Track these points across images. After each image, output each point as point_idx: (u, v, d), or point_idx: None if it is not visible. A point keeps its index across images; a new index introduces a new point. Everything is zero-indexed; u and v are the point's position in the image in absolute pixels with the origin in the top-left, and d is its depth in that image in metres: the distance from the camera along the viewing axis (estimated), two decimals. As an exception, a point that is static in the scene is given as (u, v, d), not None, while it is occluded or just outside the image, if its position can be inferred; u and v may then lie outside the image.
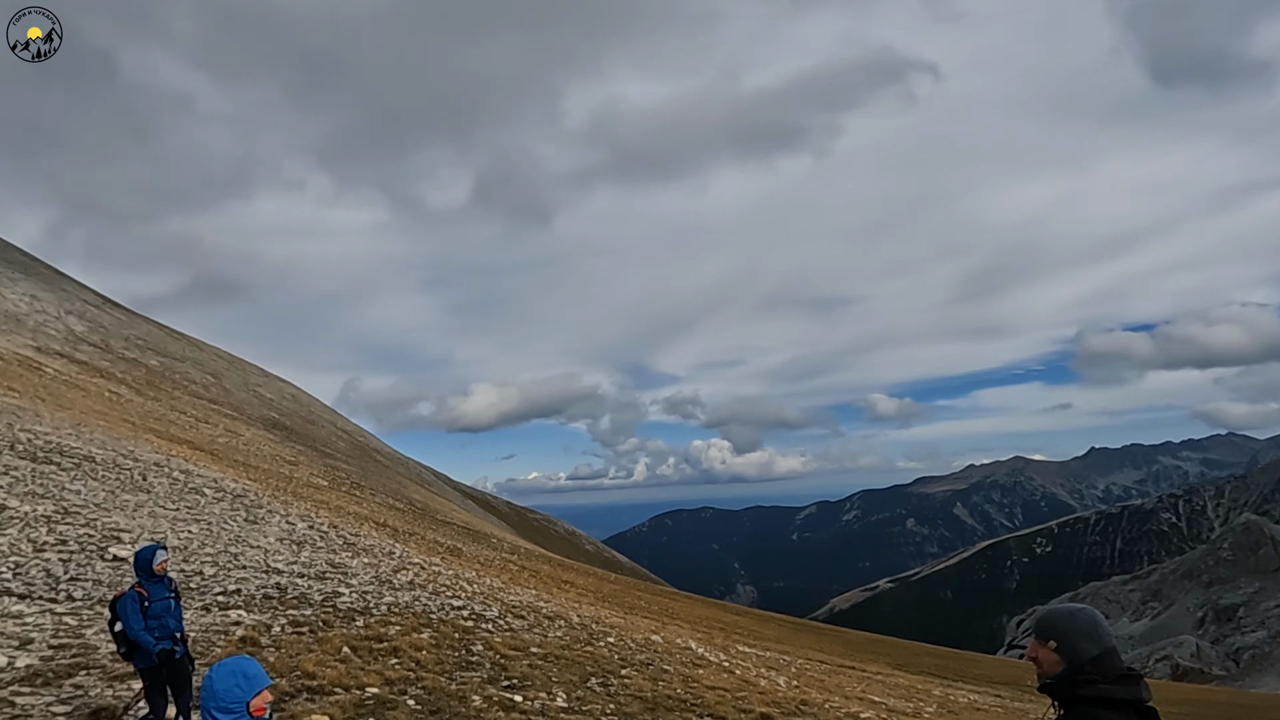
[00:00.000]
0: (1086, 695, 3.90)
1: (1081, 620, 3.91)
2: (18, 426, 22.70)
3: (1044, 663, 3.91)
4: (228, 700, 3.31)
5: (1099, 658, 3.91)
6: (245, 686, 3.41)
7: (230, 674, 3.42)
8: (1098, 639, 3.91)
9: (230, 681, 3.39)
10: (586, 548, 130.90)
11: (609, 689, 10.68)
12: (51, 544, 11.82)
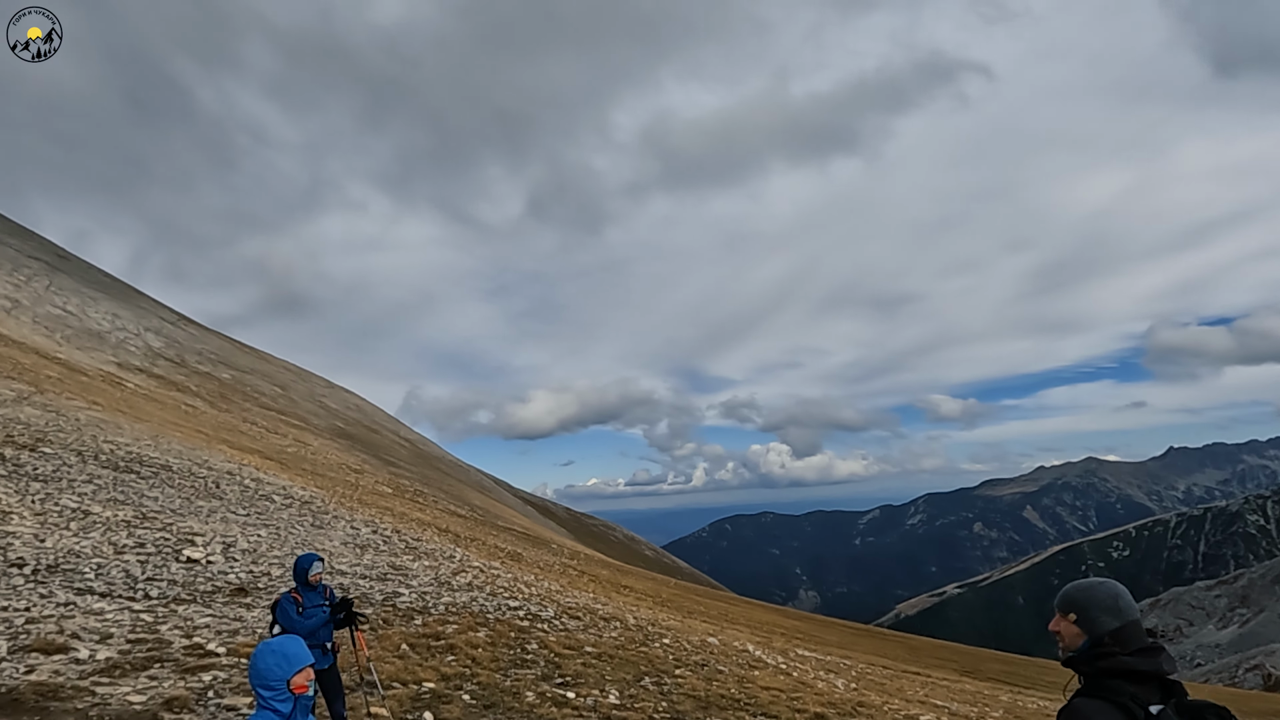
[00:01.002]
0: (1107, 668, 3.86)
1: (1102, 593, 3.88)
2: (101, 438, 23.88)
3: (1065, 636, 3.89)
4: (269, 678, 3.41)
5: (1119, 630, 3.87)
6: (285, 665, 3.44)
7: (271, 652, 3.48)
8: (1118, 612, 3.87)
9: (271, 660, 3.45)
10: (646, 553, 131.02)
11: (662, 688, 10.73)
12: (130, 546, 12.42)
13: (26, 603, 9.06)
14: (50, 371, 35.91)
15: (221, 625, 9.41)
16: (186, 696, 7.09)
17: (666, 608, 30.07)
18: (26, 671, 7.22)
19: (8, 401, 25.25)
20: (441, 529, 31.73)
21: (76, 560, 11.04)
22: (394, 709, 7.71)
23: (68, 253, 57.76)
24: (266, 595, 11.20)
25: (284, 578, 12.34)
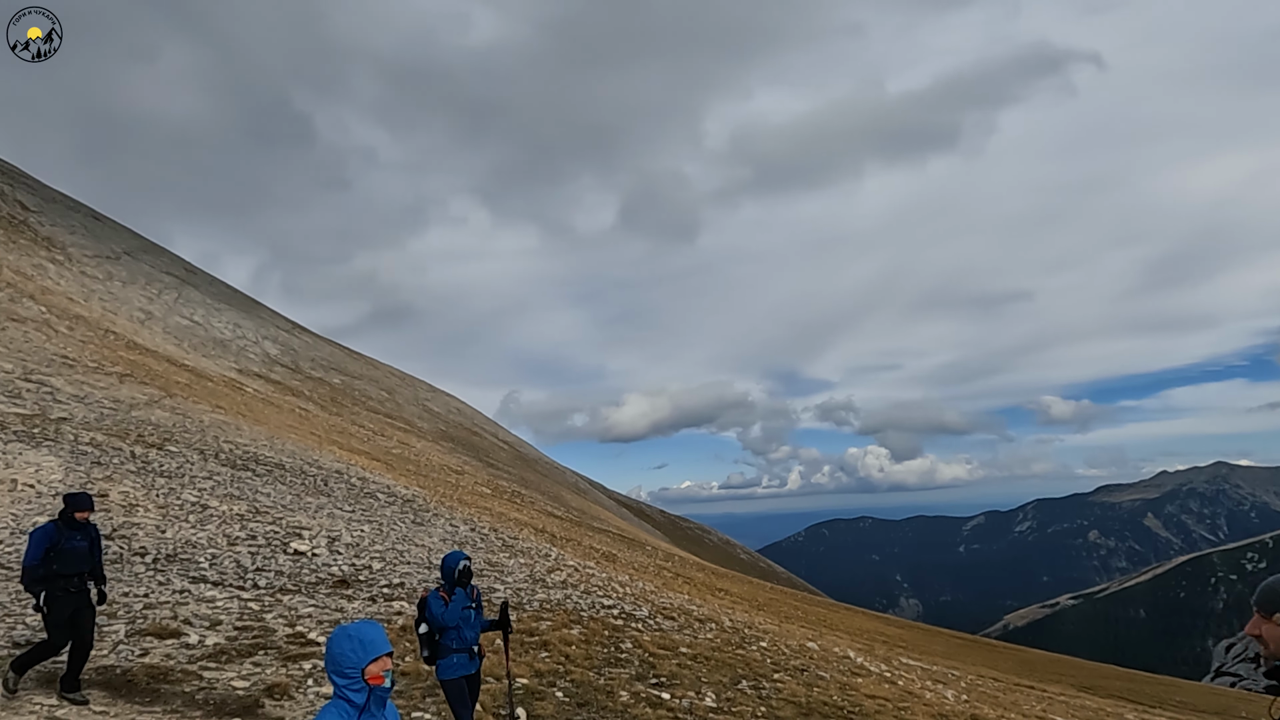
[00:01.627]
0: None
1: None
2: (222, 438, 25.15)
3: (1270, 640, 3.24)
4: (343, 665, 3.19)
5: None
6: (360, 652, 3.19)
7: (346, 638, 3.22)
8: None
9: (346, 645, 3.20)
10: (741, 557, 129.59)
11: (760, 692, 10.30)
12: (243, 539, 12.88)
13: (145, 589, 9.43)
14: (179, 377, 38.20)
15: (323, 615, 9.57)
16: (287, 684, 7.15)
17: (763, 611, 29.43)
18: (141, 654, 7.45)
19: (140, 405, 26.92)
20: (538, 529, 32.04)
21: (193, 550, 11.49)
22: (487, 704, 7.59)
23: (195, 267, 61.62)
24: (367, 587, 11.38)
25: (384, 571, 12.54)
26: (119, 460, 17.60)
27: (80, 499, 7.07)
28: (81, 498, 7.08)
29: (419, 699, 7.38)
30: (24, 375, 25.14)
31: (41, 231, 44.70)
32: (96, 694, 6.49)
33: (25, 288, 38.54)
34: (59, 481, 13.94)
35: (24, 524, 11.24)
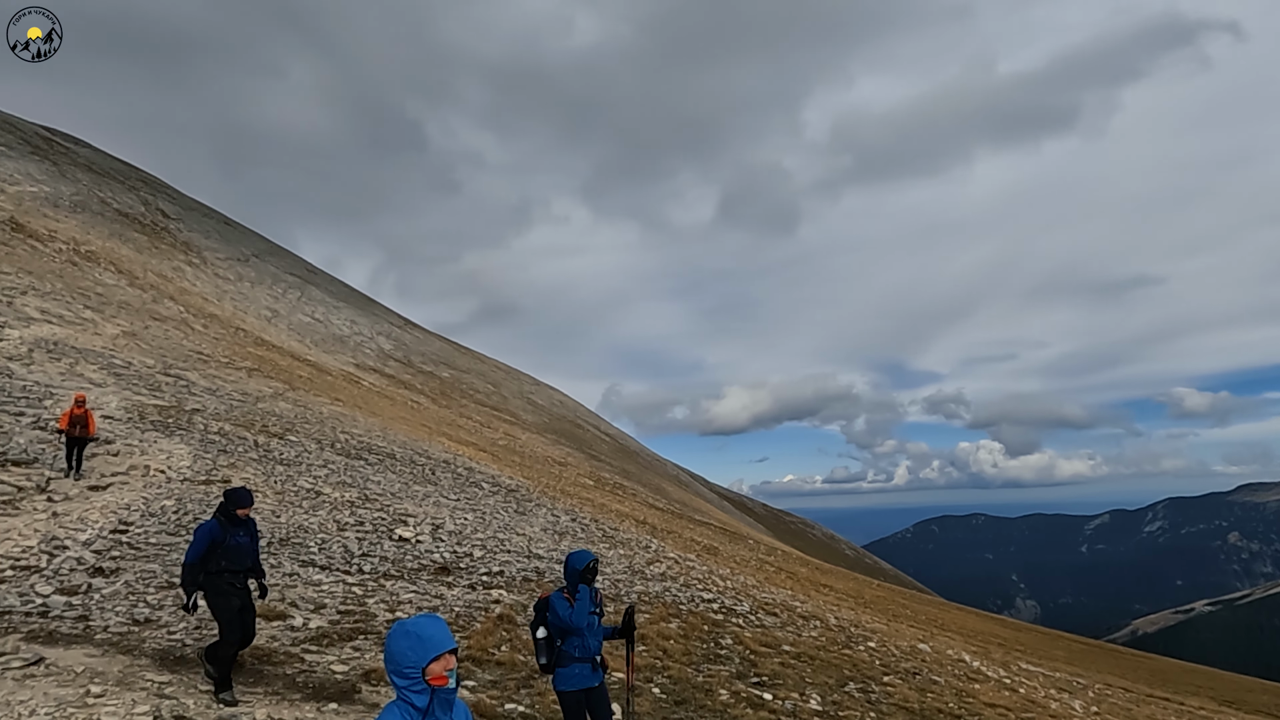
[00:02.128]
0: None
1: None
2: (338, 429, 26.17)
3: None
4: (402, 664, 2.83)
5: None
6: (419, 650, 2.82)
7: (404, 635, 2.85)
8: None
9: (403, 643, 2.83)
10: (846, 552, 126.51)
11: (869, 696, 9.70)
12: (351, 524, 13.20)
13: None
14: (301, 372, 40.15)
15: (423, 602, 9.61)
16: (384, 670, 7.13)
17: (870, 609, 28.36)
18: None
19: (266, 397, 28.34)
20: (639, 520, 31.96)
21: (304, 535, 11.82)
22: (582, 697, 7.37)
23: (315, 268, 64.85)
24: (467, 575, 11.41)
25: (484, 559, 12.57)
26: (243, 449, 18.48)
27: (241, 495, 6.77)
28: (242, 494, 6.79)
29: (513, 690, 7.22)
30: (163, 370, 26.86)
31: (180, 237, 47.89)
32: (203, 673, 6.63)
33: (166, 289, 41.38)
34: (187, 468, 14.69)
35: (153, 507, 11.84)
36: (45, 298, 30.05)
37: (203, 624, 7.80)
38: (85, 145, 55.05)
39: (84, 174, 45.98)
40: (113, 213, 43.87)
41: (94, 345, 26.82)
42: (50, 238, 36.56)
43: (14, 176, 38.89)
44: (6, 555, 9.07)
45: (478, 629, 8.70)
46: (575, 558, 5.73)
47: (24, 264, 33.11)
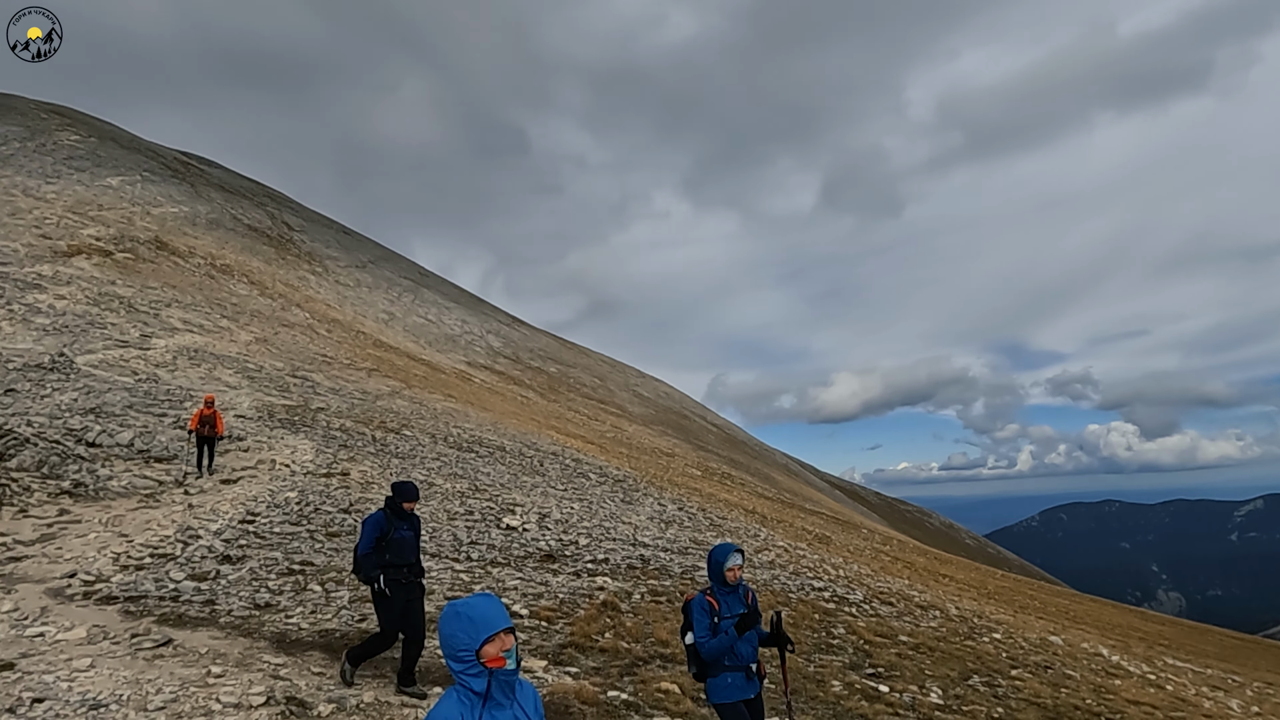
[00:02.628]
0: None
1: None
2: (451, 424, 26.95)
3: None
4: (455, 647, 2.62)
5: None
6: (471, 632, 2.59)
7: (455, 616, 2.64)
8: None
9: (455, 625, 2.62)
10: (966, 542, 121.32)
11: (995, 690, 9.03)
12: (460, 514, 13.44)
13: (372, 559, 9.94)
14: (417, 371, 41.67)
15: (528, 589, 9.60)
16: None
17: (994, 600, 26.88)
18: (360, 619, 7.74)
19: (384, 395, 29.50)
20: (747, 510, 31.47)
21: (416, 524, 12.10)
22: (687, 686, 7.12)
23: (428, 271, 67.29)
24: (572, 562, 11.38)
25: (589, 547, 12.52)
26: (362, 443, 19.22)
27: (408, 488, 6.59)
28: (408, 487, 6.61)
29: (616, 677, 7.06)
30: (291, 372, 28.36)
31: (304, 248, 50.63)
32: (316, 655, 6.79)
33: (293, 297, 43.80)
34: (309, 462, 15.36)
35: (278, 499, 12.40)
36: (187, 309, 32.29)
37: (318, 609, 8.02)
38: (218, 166, 59.05)
39: (217, 193, 49.31)
40: (244, 228, 46.81)
41: (229, 351, 28.59)
42: (190, 254, 39.28)
43: (157, 199, 42.05)
44: (146, 544, 9.66)
45: (581, 615, 8.60)
46: (717, 551, 5.06)
47: (168, 279, 35.73)
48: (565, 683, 6.61)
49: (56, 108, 48.86)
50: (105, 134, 47.91)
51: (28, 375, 19.34)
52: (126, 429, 14.73)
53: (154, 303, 31.39)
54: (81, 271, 31.70)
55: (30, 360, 20.57)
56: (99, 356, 23.51)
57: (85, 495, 11.54)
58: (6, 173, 37.69)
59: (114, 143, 46.85)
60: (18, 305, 26.53)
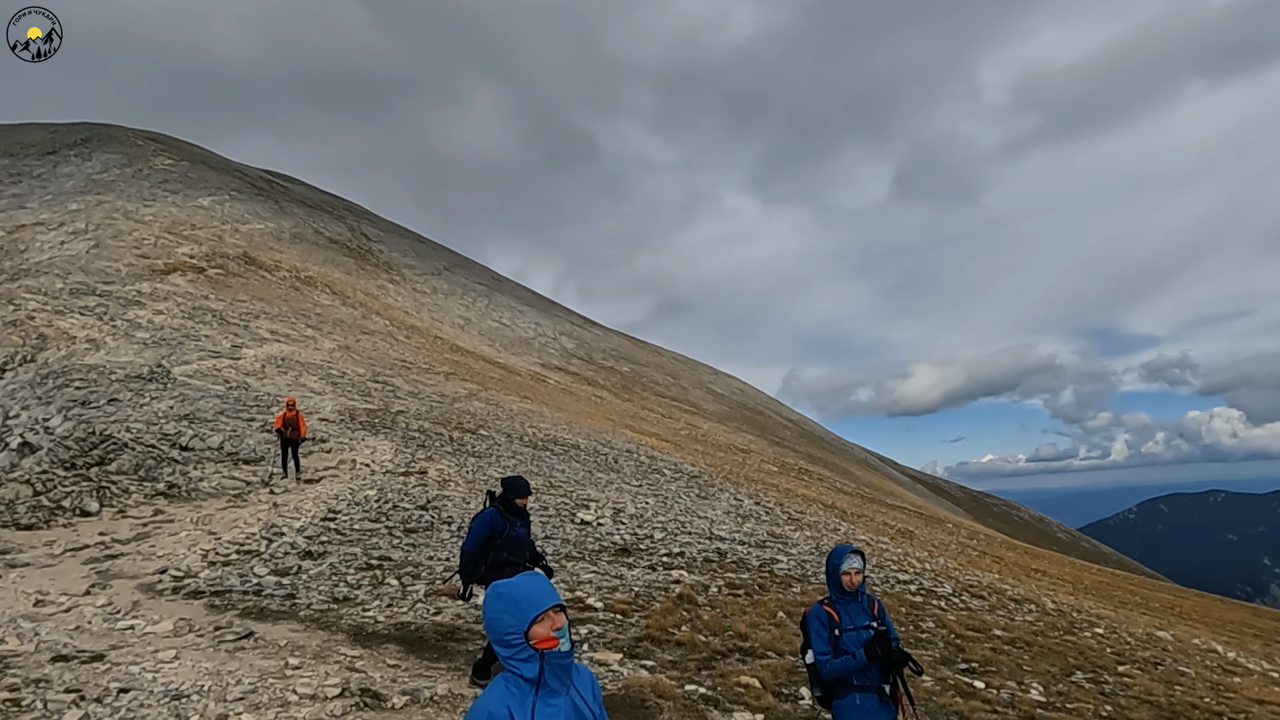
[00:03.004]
0: None
1: None
2: (527, 425, 27.13)
3: None
4: (501, 631, 2.37)
5: None
6: (516, 612, 2.35)
7: (499, 598, 2.40)
8: None
9: (499, 607, 2.39)
10: (1058, 535, 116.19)
11: (1102, 687, 8.40)
12: (535, 510, 13.38)
13: (448, 554, 9.95)
14: (493, 374, 42.25)
15: (602, 582, 9.43)
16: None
17: (1092, 595, 25.48)
18: (436, 613, 7.71)
19: (461, 398, 29.95)
20: (827, 504, 30.71)
21: (491, 520, 12.10)
22: (767, 680, 6.81)
23: (501, 276, 68.35)
24: (647, 555, 11.16)
25: (664, 540, 12.28)
26: (439, 444, 19.48)
27: (519, 484, 6.31)
28: (520, 483, 6.32)
29: (694, 670, 6.79)
30: (372, 377, 29.06)
31: (382, 258, 52.04)
32: (392, 648, 6.75)
33: (372, 305, 45.02)
34: (389, 461, 15.61)
35: (358, 497, 12.60)
36: (274, 320, 33.49)
37: (394, 602, 8.03)
38: (299, 183, 61.29)
39: (299, 208, 51.15)
40: (325, 241, 48.41)
41: (314, 359, 29.50)
42: (276, 267, 40.79)
43: (244, 216, 43.86)
44: (233, 541, 9.90)
45: (657, 609, 8.37)
46: (835, 555, 4.38)
47: (256, 292, 37.16)
48: (641, 676, 6.39)
49: (152, 134, 51.59)
50: (196, 157, 50.30)
51: (129, 385, 20.30)
52: (217, 433, 15.25)
53: (244, 315, 32.66)
54: (177, 288, 33.25)
55: (131, 372, 21.61)
56: (194, 367, 24.56)
57: (178, 496, 11.95)
58: (109, 198, 39.89)
59: (204, 165, 49.15)
60: (120, 321, 27.97)
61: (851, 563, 4.33)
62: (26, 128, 49.29)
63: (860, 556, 4.42)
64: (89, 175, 41.46)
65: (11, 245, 35.77)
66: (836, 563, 4.35)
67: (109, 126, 50.34)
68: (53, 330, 26.45)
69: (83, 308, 28.77)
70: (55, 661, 5.78)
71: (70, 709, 4.94)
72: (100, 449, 12.51)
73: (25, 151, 43.02)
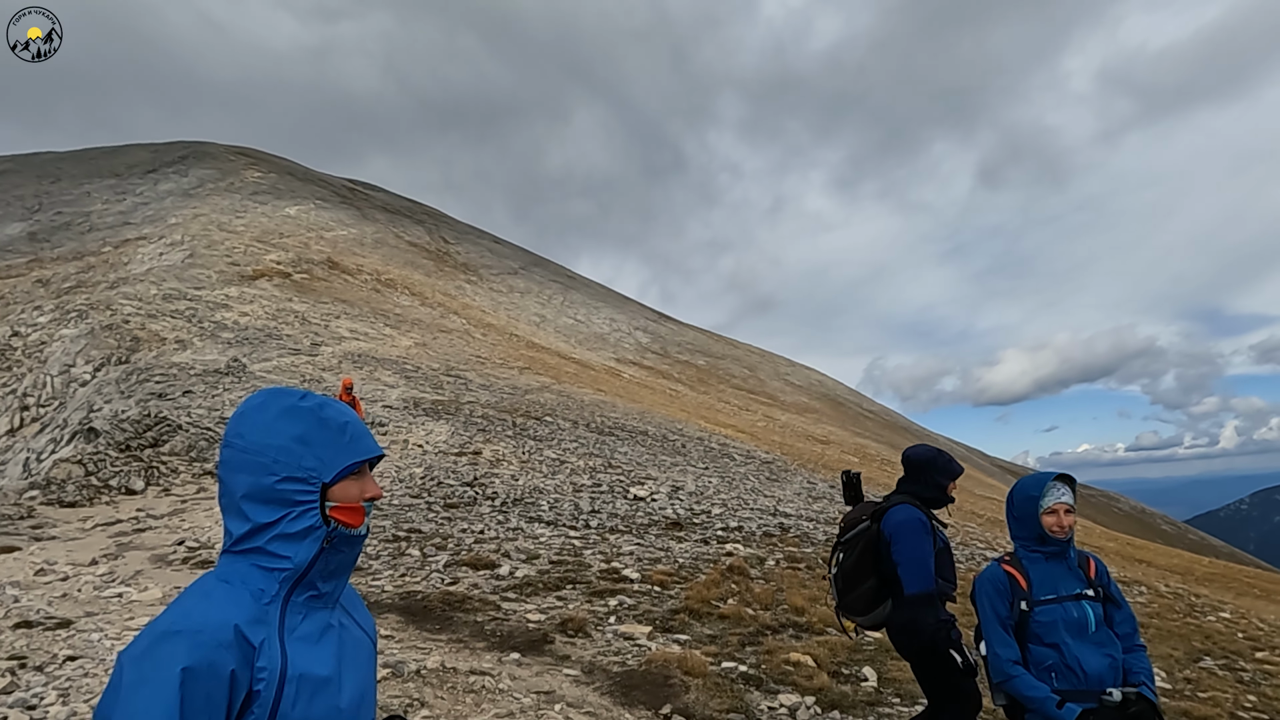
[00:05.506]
0: None
1: None
2: (597, 414, 26.34)
3: None
4: (287, 466, 1.31)
5: None
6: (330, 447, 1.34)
7: (301, 415, 1.35)
8: None
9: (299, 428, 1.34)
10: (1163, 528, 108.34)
11: (1239, 674, 6.85)
12: (588, 486, 12.48)
13: (483, 526, 9.12)
14: (568, 369, 41.80)
15: (644, 554, 8.39)
16: (585, 619, 5.95)
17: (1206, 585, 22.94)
18: (451, 583, 6.84)
19: (534, 390, 29.43)
20: (909, 490, 28.84)
21: (538, 495, 11.23)
22: (824, 659, 5.64)
23: (575, 273, 68.17)
24: (700, 530, 10.06)
25: (722, 516, 11.14)
26: (500, 428, 18.83)
27: (950, 464, 3.68)
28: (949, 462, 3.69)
29: (735, 646, 5.69)
30: (446, 371, 28.86)
31: (460, 259, 52.44)
32: (391, 617, 5.90)
33: (451, 305, 45.28)
34: (443, 441, 15.00)
35: (403, 474, 11.95)
36: (354, 320, 33.83)
37: (410, 571, 7.20)
38: (381, 190, 62.59)
39: (381, 214, 52.06)
40: (405, 245, 49.06)
41: (391, 355, 29.52)
42: (358, 271, 41.43)
43: (329, 224, 44.80)
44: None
45: (702, 580, 7.27)
46: (1029, 483, 2.87)
47: (339, 294, 37.75)
48: (670, 650, 5.33)
49: (243, 149, 53.54)
50: (283, 169, 51.84)
51: (205, 379, 20.48)
52: (275, 416, 14.97)
53: (325, 315, 33.09)
54: (263, 292, 33.99)
55: (210, 367, 21.87)
56: (273, 363, 24.76)
57: (226, 475, 11.55)
58: (204, 210, 41.33)
59: (291, 176, 50.59)
60: (207, 323, 28.64)
61: (1057, 495, 2.75)
62: (130, 149, 51.85)
63: (1069, 487, 2.81)
64: (186, 190, 43.12)
65: (116, 259, 37.42)
66: (1035, 495, 2.77)
67: (203, 144, 52.44)
68: (145, 333, 27.22)
69: (173, 311, 29.61)
70: (17, 628, 5.17)
71: (2, 677, 4.26)
72: (154, 430, 12.27)
73: (130, 171, 45.10)
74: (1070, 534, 2.79)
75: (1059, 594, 2.73)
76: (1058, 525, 2.75)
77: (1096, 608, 2.74)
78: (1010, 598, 2.76)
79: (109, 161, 47.48)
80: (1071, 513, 2.79)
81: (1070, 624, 2.69)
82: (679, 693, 4.68)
